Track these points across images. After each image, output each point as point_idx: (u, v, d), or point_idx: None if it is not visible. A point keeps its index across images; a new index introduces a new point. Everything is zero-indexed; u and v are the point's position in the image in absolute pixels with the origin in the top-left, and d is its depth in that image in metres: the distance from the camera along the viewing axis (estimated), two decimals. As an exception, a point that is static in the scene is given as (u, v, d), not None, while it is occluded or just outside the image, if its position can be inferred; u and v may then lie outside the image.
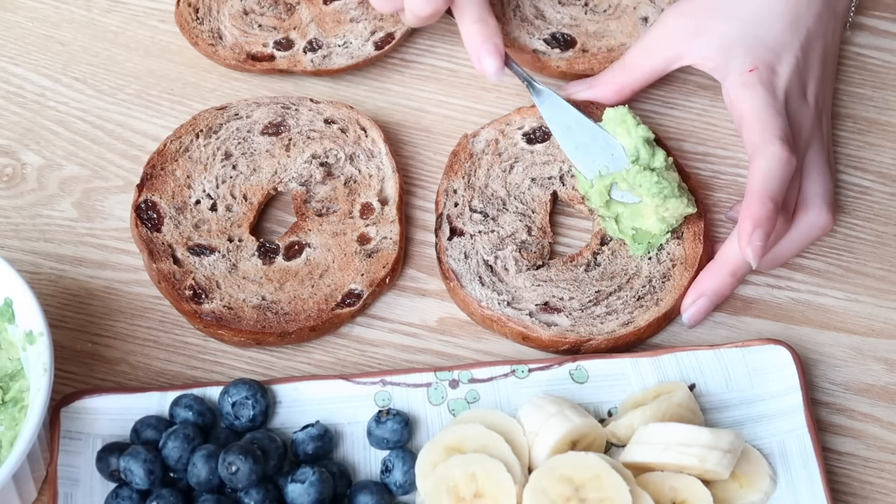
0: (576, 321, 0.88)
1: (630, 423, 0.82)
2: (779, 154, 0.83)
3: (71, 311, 0.89)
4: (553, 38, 0.99)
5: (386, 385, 0.85)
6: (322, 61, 0.99)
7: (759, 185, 0.82)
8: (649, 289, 0.90)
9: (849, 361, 0.90)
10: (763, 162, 0.83)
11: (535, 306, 0.89)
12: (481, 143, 0.95)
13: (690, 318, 0.88)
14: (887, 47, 1.04)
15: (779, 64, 0.88)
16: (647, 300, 0.89)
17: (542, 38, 0.99)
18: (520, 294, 0.89)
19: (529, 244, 0.91)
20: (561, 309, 0.89)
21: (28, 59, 1.00)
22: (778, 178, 0.83)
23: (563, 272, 0.90)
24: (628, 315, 0.89)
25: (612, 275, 0.90)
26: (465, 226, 0.92)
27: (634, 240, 0.91)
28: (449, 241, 0.91)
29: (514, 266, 0.90)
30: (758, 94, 0.86)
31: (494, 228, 0.92)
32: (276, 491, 0.80)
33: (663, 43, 0.92)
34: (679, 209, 0.89)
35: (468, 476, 0.78)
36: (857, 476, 0.86)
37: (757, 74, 0.87)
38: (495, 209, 0.93)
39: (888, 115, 1.00)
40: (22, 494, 0.79)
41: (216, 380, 0.87)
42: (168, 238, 0.90)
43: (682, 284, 0.89)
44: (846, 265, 0.94)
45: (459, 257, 0.91)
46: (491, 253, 0.91)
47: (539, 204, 0.93)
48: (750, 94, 0.86)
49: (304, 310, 0.88)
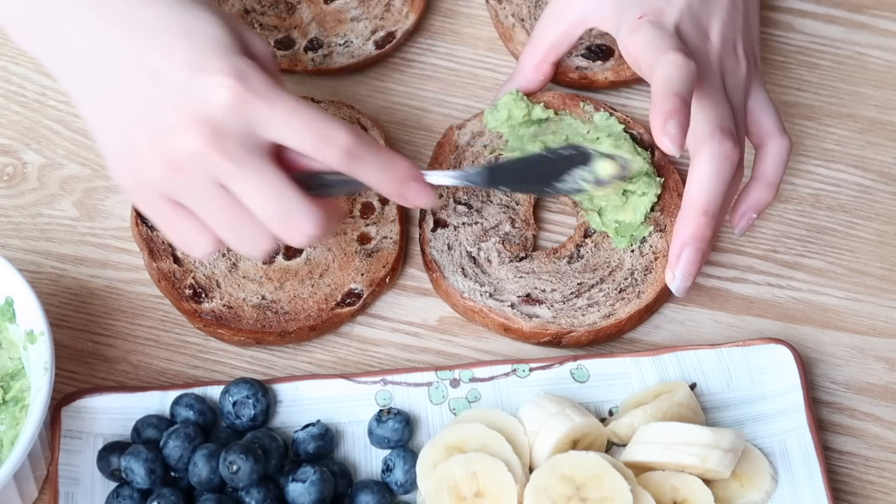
0: (557, 313, 0.88)
1: (631, 422, 0.82)
2: (673, 59, 0.81)
3: (72, 310, 0.89)
4: (590, 50, 0.99)
5: (387, 384, 0.85)
6: (323, 60, 0.99)
7: (662, 87, 0.80)
8: (631, 281, 0.90)
9: (850, 361, 0.90)
10: (660, 70, 0.81)
11: (517, 298, 0.89)
12: (467, 136, 0.95)
13: (682, 273, 0.84)
14: (888, 46, 1.04)
15: (668, 6, 0.87)
16: (629, 293, 0.89)
17: (580, 54, 0.99)
18: (502, 286, 0.90)
19: (512, 236, 0.92)
20: (543, 301, 0.89)
21: (28, 58, 1.00)
22: (677, 78, 0.80)
23: (546, 264, 0.91)
24: (610, 307, 0.89)
25: (594, 267, 0.91)
26: (449, 217, 0.92)
27: (617, 232, 0.91)
28: (433, 233, 0.91)
29: (496, 258, 0.91)
30: (646, 32, 0.85)
31: (478, 220, 0.92)
32: (276, 490, 0.80)
33: (562, 10, 0.93)
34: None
35: (469, 475, 0.78)
36: (858, 475, 0.86)
37: (646, 19, 0.86)
38: (479, 201, 0.93)
39: (889, 115, 1.00)
40: (23, 494, 0.79)
41: (217, 379, 0.87)
42: (169, 237, 0.90)
43: (663, 277, 0.89)
44: (847, 264, 0.94)
45: (443, 248, 0.91)
46: (474, 244, 0.91)
47: (523, 196, 0.93)
48: (639, 35, 0.85)
49: (304, 309, 0.88)
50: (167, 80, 0.73)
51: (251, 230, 0.75)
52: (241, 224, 0.75)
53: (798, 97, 1.01)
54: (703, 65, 0.86)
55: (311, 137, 0.74)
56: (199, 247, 0.77)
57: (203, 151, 0.72)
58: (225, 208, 0.74)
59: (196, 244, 0.77)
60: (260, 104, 0.73)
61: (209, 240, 0.76)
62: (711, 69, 0.87)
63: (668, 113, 0.79)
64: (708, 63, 0.87)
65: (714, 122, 0.83)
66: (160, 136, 0.73)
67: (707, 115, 0.84)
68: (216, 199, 0.74)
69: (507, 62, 1.01)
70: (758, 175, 0.88)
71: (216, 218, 0.75)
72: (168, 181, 0.74)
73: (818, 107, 1.01)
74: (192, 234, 0.76)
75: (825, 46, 1.04)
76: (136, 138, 0.74)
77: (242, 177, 0.73)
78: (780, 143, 0.88)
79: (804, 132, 0.99)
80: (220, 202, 0.74)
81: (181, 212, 0.75)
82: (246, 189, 0.73)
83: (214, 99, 0.72)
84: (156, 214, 0.77)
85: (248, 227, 0.75)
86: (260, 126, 0.73)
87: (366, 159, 0.76)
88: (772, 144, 0.88)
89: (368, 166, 0.76)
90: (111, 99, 0.75)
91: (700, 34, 0.88)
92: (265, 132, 0.73)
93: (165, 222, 0.77)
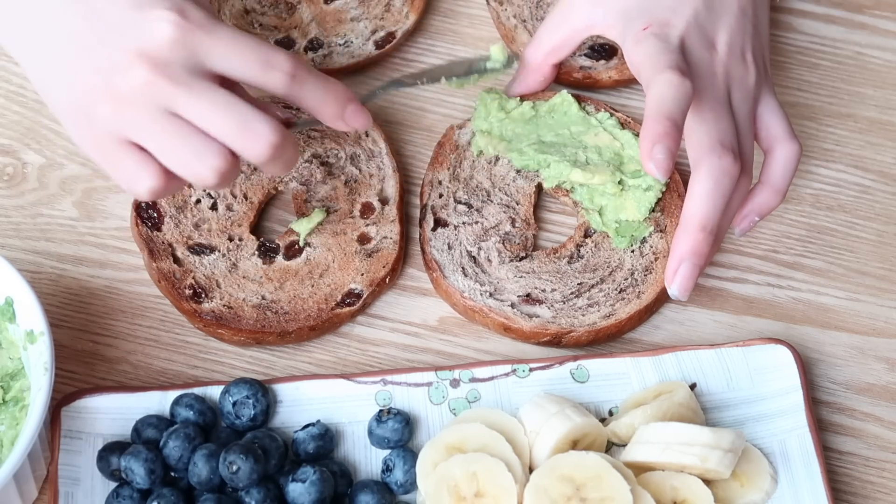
0: (557, 313, 0.88)
1: (631, 422, 0.82)
2: (669, 78, 0.81)
3: (72, 310, 0.89)
4: (593, 50, 0.99)
5: (387, 384, 0.85)
6: (323, 60, 0.99)
7: (654, 108, 0.80)
8: (631, 281, 0.90)
9: (850, 361, 0.90)
10: (655, 89, 0.81)
11: (517, 297, 0.89)
12: (467, 135, 0.95)
13: (679, 287, 0.84)
14: (888, 46, 1.04)
15: (674, 17, 0.87)
16: (629, 293, 0.89)
17: (583, 54, 0.99)
18: (502, 285, 0.90)
19: (513, 236, 0.92)
20: (543, 300, 0.89)
21: (29, 58, 1.00)
22: (671, 98, 0.80)
23: (546, 264, 0.91)
24: (610, 307, 0.89)
25: (594, 267, 0.91)
26: (450, 217, 0.92)
27: (618, 232, 0.91)
28: (433, 232, 0.91)
29: (497, 257, 0.91)
30: (649, 44, 0.85)
31: (478, 220, 0.92)
32: (276, 490, 0.80)
33: (566, 15, 0.92)
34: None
35: (469, 475, 0.78)
36: (858, 475, 0.86)
37: (650, 30, 0.86)
38: (480, 200, 0.93)
39: (889, 115, 1.01)
40: (23, 494, 0.79)
41: (217, 379, 0.87)
42: (168, 237, 0.90)
43: (663, 278, 0.89)
44: (847, 264, 0.94)
45: (443, 248, 0.91)
46: (474, 244, 0.91)
47: (523, 196, 0.93)
48: (642, 47, 0.85)
49: (303, 309, 0.88)
50: (110, 21, 0.75)
51: (202, 147, 0.75)
52: (193, 145, 0.75)
53: (798, 97, 1.01)
54: (706, 78, 0.86)
55: (254, 64, 0.76)
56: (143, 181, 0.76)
57: (151, 80, 0.74)
58: (177, 135, 0.75)
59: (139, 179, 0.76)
60: (202, 35, 0.75)
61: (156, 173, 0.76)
62: (716, 82, 0.86)
63: (656, 137, 0.78)
64: (712, 76, 0.86)
65: (714, 137, 0.83)
66: (108, 77, 0.75)
67: (708, 129, 0.83)
68: (167, 127, 0.75)
69: (507, 62, 1.01)
70: (765, 179, 0.88)
71: (168, 146, 0.75)
72: (119, 118, 0.75)
73: (818, 107, 1.01)
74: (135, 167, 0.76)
75: (825, 46, 1.04)
76: (86, 84, 0.75)
77: (194, 98, 0.74)
78: (789, 147, 0.88)
79: (804, 132, 0.99)
80: (171, 130, 0.75)
81: (127, 148, 0.76)
82: (199, 108, 0.74)
83: (158, 33, 0.74)
84: (104, 156, 0.77)
85: (200, 146, 0.75)
86: (204, 56, 0.75)
87: (308, 83, 0.78)
88: (780, 149, 0.88)
89: (310, 90, 0.78)
90: (57, 52, 0.77)
91: (706, 44, 0.87)
92: (209, 62, 0.75)
93: (111, 160, 0.77)
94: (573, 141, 0.93)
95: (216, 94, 0.75)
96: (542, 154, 0.92)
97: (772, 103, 0.89)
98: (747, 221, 0.88)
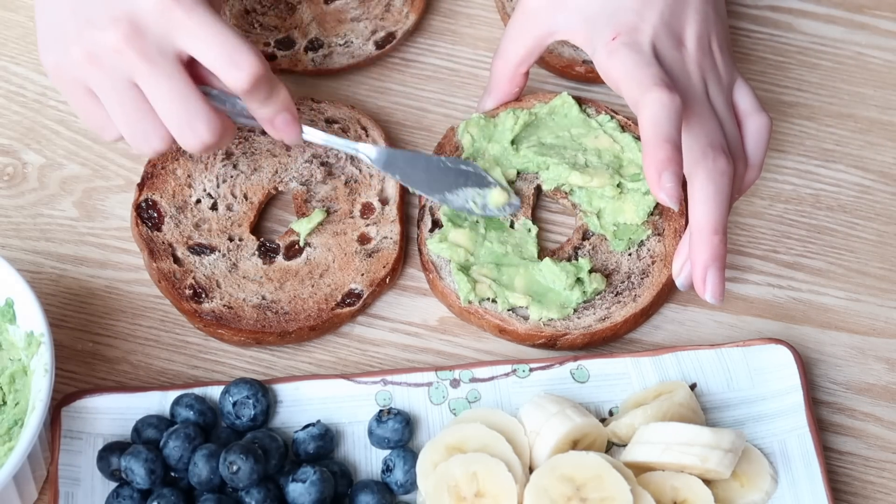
0: None
1: (631, 422, 0.82)
2: (658, 97, 0.81)
3: (72, 310, 0.89)
4: None
5: (387, 384, 0.85)
6: (323, 60, 0.99)
7: (651, 132, 0.80)
8: (628, 285, 0.90)
9: (850, 361, 0.90)
10: (647, 111, 0.81)
11: None
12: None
13: (713, 294, 0.83)
14: (888, 46, 1.04)
15: (642, 22, 0.86)
16: (626, 296, 0.89)
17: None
18: None
19: None
20: None
21: (29, 58, 1.00)
22: (665, 119, 0.80)
23: None
24: (605, 310, 0.89)
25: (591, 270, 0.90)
26: None
27: (616, 236, 0.91)
28: (430, 233, 0.91)
29: None
30: (624, 56, 0.84)
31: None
32: (276, 490, 0.80)
33: (529, 24, 0.91)
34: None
35: (469, 475, 0.78)
36: (858, 475, 0.86)
37: (620, 40, 0.85)
38: None
39: (889, 115, 1.01)
40: (23, 494, 0.79)
41: (217, 379, 0.87)
42: (168, 237, 0.90)
43: (660, 281, 0.89)
44: (847, 264, 0.94)
45: None
46: None
47: (523, 197, 0.93)
48: (617, 60, 0.84)
49: (304, 309, 0.88)
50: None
51: (149, 127, 0.81)
52: (140, 120, 0.81)
53: (798, 97, 1.01)
54: (682, 80, 0.85)
55: (220, 58, 0.79)
56: (108, 133, 0.84)
57: (120, 48, 0.78)
58: (129, 105, 0.80)
59: (105, 130, 0.83)
60: (181, 13, 0.78)
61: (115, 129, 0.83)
62: (692, 82, 0.86)
63: (662, 164, 0.79)
64: (687, 76, 0.86)
65: (704, 143, 0.83)
66: (84, 27, 0.79)
67: (696, 136, 0.83)
68: (123, 95, 0.80)
69: (507, 62, 1.01)
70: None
71: (119, 112, 0.81)
72: (84, 70, 0.80)
73: (818, 107, 1.01)
74: (101, 120, 0.83)
75: (825, 46, 1.04)
76: (66, 26, 0.80)
77: (153, 76, 0.79)
78: (758, 120, 0.88)
79: (804, 132, 0.99)
80: (127, 98, 0.80)
81: (94, 99, 0.82)
82: (155, 88, 0.79)
83: (142, 2, 0.78)
84: (72, 97, 0.83)
85: (147, 123, 0.81)
86: (177, 34, 0.78)
87: (262, 94, 0.82)
88: (751, 123, 0.88)
89: (262, 101, 0.83)
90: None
91: (675, 42, 0.87)
92: (181, 41, 0.79)
93: (79, 105, 0.83)
94: (573, 143, 0.93)
95: (175, 80, 0.79)
96: (542, 156, 0.92)
97: (739, 83, 0.89)
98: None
